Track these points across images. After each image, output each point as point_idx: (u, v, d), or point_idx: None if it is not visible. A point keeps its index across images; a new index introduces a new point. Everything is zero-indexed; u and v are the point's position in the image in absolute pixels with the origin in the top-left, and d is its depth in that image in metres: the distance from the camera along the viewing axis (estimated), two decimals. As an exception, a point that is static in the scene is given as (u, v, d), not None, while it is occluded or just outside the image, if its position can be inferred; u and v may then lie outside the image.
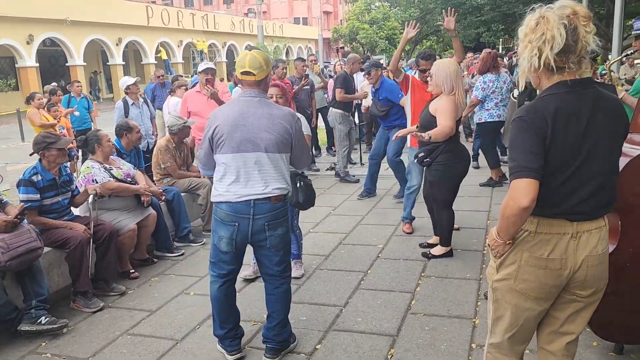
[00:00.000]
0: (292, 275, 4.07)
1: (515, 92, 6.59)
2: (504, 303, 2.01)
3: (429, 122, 4.20)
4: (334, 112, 7.57)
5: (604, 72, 9.21)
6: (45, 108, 8.24)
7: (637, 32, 3.52)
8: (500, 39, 29.66)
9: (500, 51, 22.55)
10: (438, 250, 4.50)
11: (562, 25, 1.74)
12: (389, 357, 3.05)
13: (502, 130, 6.87)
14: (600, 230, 1.91)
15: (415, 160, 4.45)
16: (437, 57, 5.32)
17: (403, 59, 12.28)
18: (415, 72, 5.51)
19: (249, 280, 4.23)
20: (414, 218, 5.30)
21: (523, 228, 1.89)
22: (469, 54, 12.62)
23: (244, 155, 2.85)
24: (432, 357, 3.01)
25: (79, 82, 9.81)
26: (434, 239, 4.74)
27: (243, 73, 2.91)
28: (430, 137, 4.03)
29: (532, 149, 1.76)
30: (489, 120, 6.75)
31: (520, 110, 1.84)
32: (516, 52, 6.81)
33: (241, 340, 3.21)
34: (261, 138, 2.85)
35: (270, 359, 3.07)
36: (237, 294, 3.97)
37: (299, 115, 3.23)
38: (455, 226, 5.18)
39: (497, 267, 2.01)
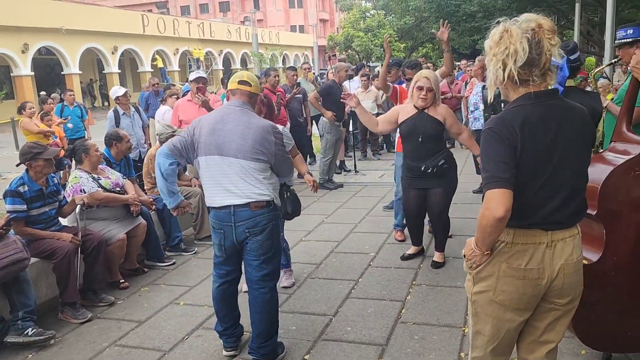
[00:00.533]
0: (282, 285, 4.06)
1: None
2: (484, 316, 2.01)
3: (441, 131, 4.25)
4: (323, 121, 7.58)
5: (599, 78, 9.28)
6: (39, 117, 8.23)
7: (620, 41, 3.52)
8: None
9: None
10: (440, 257, 4.51)
11: (525, 38, 1.76)
12: (378, 367, 3.03)
13: None
14: (574, 239, 1.93)
15: (434, 170, 4.26)
16: (430, 65, 5.38)
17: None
18: None
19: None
20: (405, 225, 5.29)
21: (500, 239, 1.90)
22: (463, 61, 12.67)
23: (215, 158, 2.91)
24: (421, 367, 2.99)
25: (72, 91, 9.80)
26: (413, 249, 4.72)
27: (240, 82, 3.02)
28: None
29: (503, 159, 1.78)
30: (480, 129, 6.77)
31: (490, 122, 1.87)
32: None
33: (240, 339, 3.28)
34: (235, 144, 2.88)
35: None
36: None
37: (280, 127, 3.30)
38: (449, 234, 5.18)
39: (474, 280, 2.01)
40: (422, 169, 4.23)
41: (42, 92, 11.43)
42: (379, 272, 4.44)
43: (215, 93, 8.38)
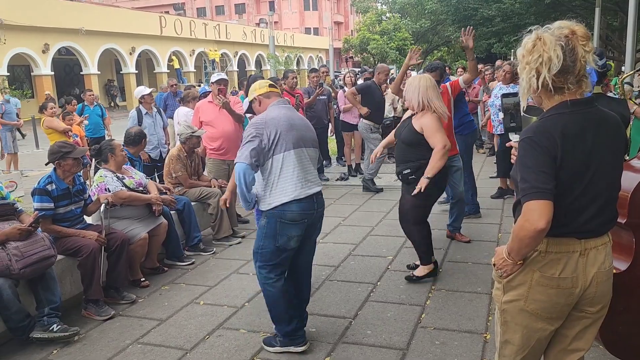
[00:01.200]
0: None
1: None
2: (514, 325, 1.98)
3: (416, 140, 4.07)
4: (363, 123, 7.61)
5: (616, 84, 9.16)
6: (61, 117, 8.37)
7: None
8: (512, 50, 29.62)
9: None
10: (420, 271, 4.28)
11: (559, 46, 1.74)
12: (399, 370, 3.04)
13: None
14: (606, 247, 1.92)
15: (399, 177, 4.25)
16: (446, 68, 5.39)
17: (413, 70, 12.32)
18: None
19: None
20: None
21: None
22: (480, 65, 12.61)
23: (302, 150, 3.15)
24: (442, 372, 2.99)
25: (92, 90, 9.95)
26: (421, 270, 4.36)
27: (271, 85, 3.37)
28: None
29: (543, 169, 1.75)
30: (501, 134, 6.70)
31: (528, 130, 1.83)
32: None
33: None
34: (308, 136, 3.23)
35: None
36: (247, 304, 4.04)
37: None
38: (466, 238, 5.16)
39: (504, 289, 1.98)
40: (396, 173, 4.31)
41: (62, 99, 11.64)
42: (397, 275, 4.44)
43: (237, 93, 8.43)
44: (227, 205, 3.71)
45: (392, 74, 12.45)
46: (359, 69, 12.52)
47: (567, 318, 1.98)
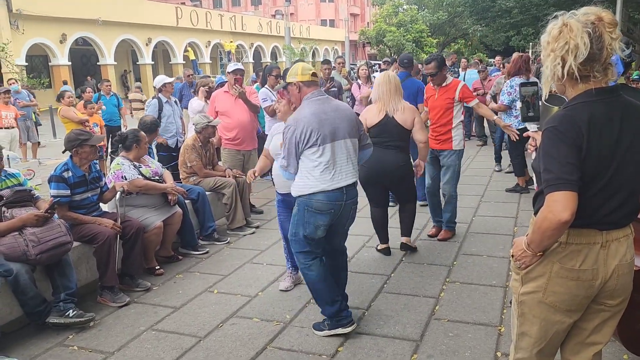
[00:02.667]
0: (280, 289, 4.07)
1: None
2: (531, 317, 1.96)
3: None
4: None
5: (637, 77, 8.97)
6: (83, 105, 8.47)
7: None
8: (530, 43, 29.21)
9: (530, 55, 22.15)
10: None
11: (587, 33, 1.69)
12: (412, 362, 3.02)
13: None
14: (628, 239, 1.88)
15: None
16: (464, 59, 5.33)
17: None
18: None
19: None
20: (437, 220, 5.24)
21: None
22: (497, 58, 12.47)
23: (334, 144, 3.18)
24: (456, 364, 2.97)
25: (109, 81, 10.03)
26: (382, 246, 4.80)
27: (313, 74, 3.31)
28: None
29: (568, 159, 1.70)
30: (518, 127, 6.58)
31: (553, 119, 1.78)
32: None
33: None
34: (342, 126, 3.22)
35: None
36: (260, 293, 4.05)
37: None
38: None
39: (523, 280, 1.95)
40: None
41: (79, 88, 11.78)
42: (411, 267, 4.42)
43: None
44: (255, 176, 3.93)
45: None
46: (390, 60, 12.41)
47: (586, 311, 1.94)
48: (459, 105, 4.94)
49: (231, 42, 33.81)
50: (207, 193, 5.31)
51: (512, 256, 1.95)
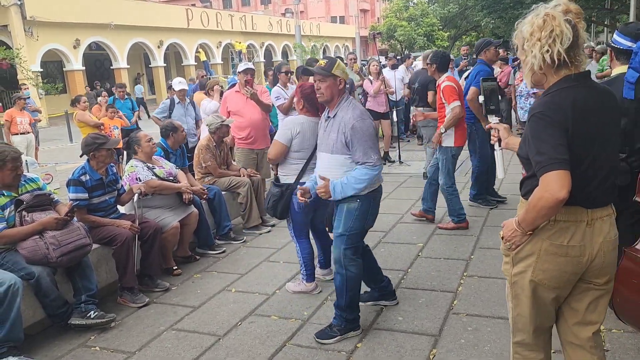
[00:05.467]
0: (294, 289, 4.03)
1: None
2: (524, 297, 2.03)
3: None
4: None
5: None
6: (105, 108, 8.58)
7: None
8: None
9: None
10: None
11: (567, 21, 1.82)
12: (431, 357, 3.01)
13: None
14: (610, 217, 1.97)
15: None
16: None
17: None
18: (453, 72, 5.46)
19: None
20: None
21: None
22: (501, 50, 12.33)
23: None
24: (476, 358, 2.95)
25: (123, 85, 10.13)
26: None
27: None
28: None
29: (558, 141, 1.79)
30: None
31: (539, 105, 1.86)
32: None
33: None
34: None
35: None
36: (278, 291, 4.06)
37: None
38: None
39: (513, 261, 2.03)
40: None
41: (93, 91, 11.92)
42: (428, 262, 4.40)
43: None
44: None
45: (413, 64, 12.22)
46: (403, 56, 12.37)
47: (574, 291, 2.02)
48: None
49: (240, 42, 33.90)
50: (222, 192, 5.34)
51: (502, 238, 2.02)
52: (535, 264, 1.95)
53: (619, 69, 2.98)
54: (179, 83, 7.28)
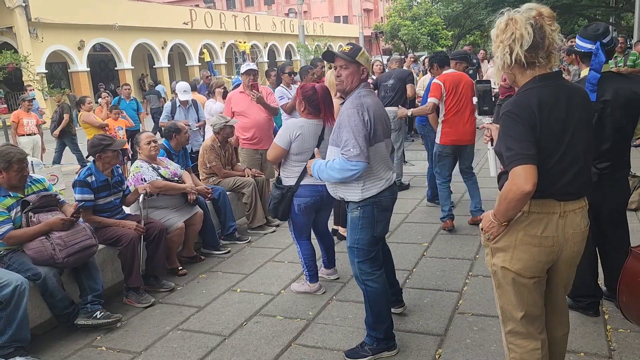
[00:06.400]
0: (298, 290, 4.02)
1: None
2: (506, 285, 2.14)
3: None
4: None
5: (631, 64, 9.01)
6: (109, 110, 8.60)
7: None
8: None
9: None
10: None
11: (530, 24, 1.94)
12: (437, 357, 3.01)
13: None
14: (583, 210, 2.09)
15: None
16: (482, 50, 5.36)
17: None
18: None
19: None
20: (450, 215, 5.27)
21: None
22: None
23: (386, 141, 3.06)
24: (482, 358, 2.95)
25: (128, 85, 10.16)
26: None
27: None
28: None
29: (525, 137, 1.91)
30: None
31: (506, 105, 1.98)
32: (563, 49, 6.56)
33: None
34: (388, 124, 3.10)
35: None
36: (283, 291, 4.07)
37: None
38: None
39: (492, 252, 2.15)
40: None
41: (102, 89, 11.97)
42: (433, 262, 4.40)
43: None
44: None
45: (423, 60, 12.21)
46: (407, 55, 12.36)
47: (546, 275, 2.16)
48: (441, 102, 5.16)
49: (244, 42, 33.94)
50: (227, 193, 5.35)
51: (482, 229, 2.14)
52: (512, 254, 2.07)
53: (585, 71, 3.05)
54: (183, 92, 7.25)
